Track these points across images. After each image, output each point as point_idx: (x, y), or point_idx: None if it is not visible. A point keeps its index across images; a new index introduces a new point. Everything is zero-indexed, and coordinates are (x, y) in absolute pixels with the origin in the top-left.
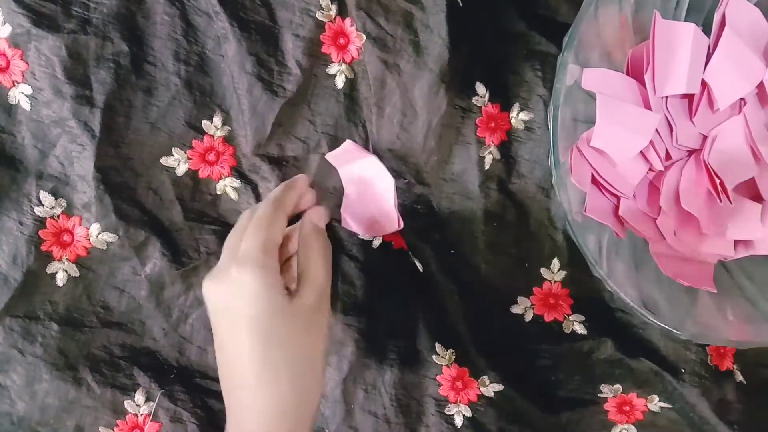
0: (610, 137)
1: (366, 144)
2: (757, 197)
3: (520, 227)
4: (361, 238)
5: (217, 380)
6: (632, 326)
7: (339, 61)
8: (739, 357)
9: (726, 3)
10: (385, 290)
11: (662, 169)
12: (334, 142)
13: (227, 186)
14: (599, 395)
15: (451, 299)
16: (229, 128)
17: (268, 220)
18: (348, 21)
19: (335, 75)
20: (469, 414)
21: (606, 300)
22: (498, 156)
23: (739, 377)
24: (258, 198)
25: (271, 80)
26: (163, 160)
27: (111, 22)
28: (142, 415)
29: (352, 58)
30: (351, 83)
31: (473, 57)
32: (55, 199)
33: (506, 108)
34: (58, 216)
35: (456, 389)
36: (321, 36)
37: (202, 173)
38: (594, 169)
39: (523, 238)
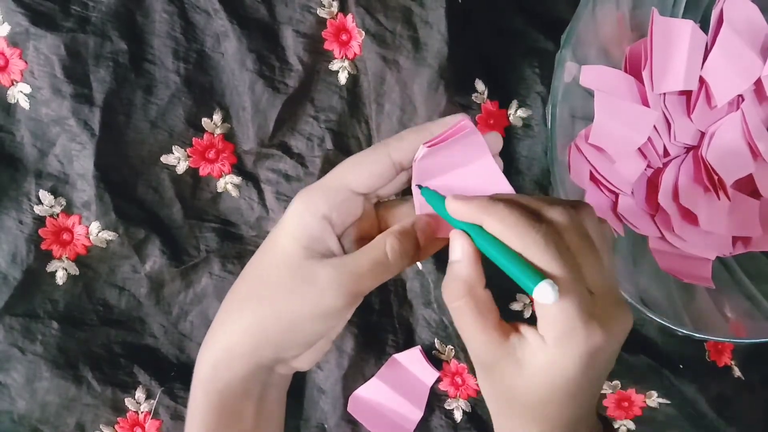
0: (608, 134)
1: (368, 140)
2: (755, 194)
3: None
4: None
5: None
6: None
7: (341, 57)
8: (737, 353)
9: (723, 0)
10: (384, 286)
11: (660, 165)
12: (338, 138)
13: (228, 183)
14: None
15: None
16: (229, 125)
17: (358, 162)
18: (350, 17)
19: (338, 71)
20: (468, 409)
21: None
22: None
23: (737, 373)
24: (260, 195)
25: (273, 77)
26: (163, 158)
27: (110, 21)
28: (142, 412)
29: (355, 54)
30: (354, 79)
31: (472, 53)
32: (55, 197)
33: (504, 105)
34: (57, 215)
35: (455, 385)
36: (323, 32)
37: (203, 171)
38: (592, 166)
39: None
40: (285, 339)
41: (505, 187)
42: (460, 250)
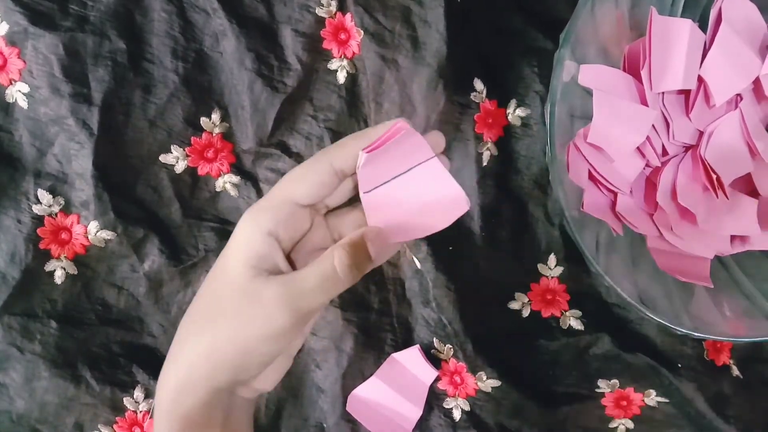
0: (606, 133)
1: None
2: (754, 193)
3: (518, 223)
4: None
5: None
6: (629, 321)
7: (340, 57)
8: (736, 352)
9: None
10: (383, 285)
11: (659, 164)
12: (337, 137)
13: (227, 183)
14: (596, 390)
15: (448, 295)
16: (228, 125)
17: (300, 173)
18: (348, 16)
19: (336, 70)
20: (467, 408)
21: (603, 295)
22: (495, 152)
23: (736, 372)
24: (259, 194)
25: (272, 76)
26: (162, 158)
27: (108, 20)
28: (141, 412)
29: (353, 53)
30: (352, 78)
31: (471, 53)
32: (53, 197)
33: (503, 104)
34: (56, 214)
35: (454, 384)
36: (321, 32)
37: (201, 170)
38: (591, 165)
39: (520, 234)
40: (239, 362)
41: (452, 186)
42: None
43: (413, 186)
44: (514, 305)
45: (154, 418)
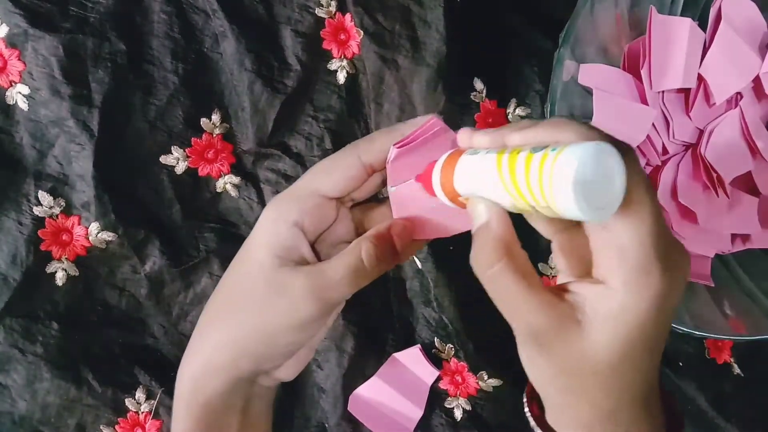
0: (606, 132)
1: None
2: (754, 191)
3: (518, 223)
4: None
5: None
6: None
7: (340, 57)
8: (737, 350)
9: None
10: (384, 285)
11: (659, 163)
12: (337, 138)
13: (227, 183)
14: None
15: (449, 295)
16: (228, 126)
17: (328, 166)
18: (348, 17)
19: (336, 71)
20: (469, 408)
21: None
22: None
23: (737, 370)
24: (259, 195)
25: (272, 77)
26: (162, 159)
27: (108, 22)
28: (143, 413)
29: (353, 53)
30: (352, 79)
31: (471, 53)
32: (54, 198)
33: (503, 104)
34: (56, 215)
35: (455, 383)
36: (321, 32)
37: (202, 171)
38: None
39: (521, 233)
40: (263, 351)
41: None
42: (485, 210)
43: None
44: None
45: (173, 405)
